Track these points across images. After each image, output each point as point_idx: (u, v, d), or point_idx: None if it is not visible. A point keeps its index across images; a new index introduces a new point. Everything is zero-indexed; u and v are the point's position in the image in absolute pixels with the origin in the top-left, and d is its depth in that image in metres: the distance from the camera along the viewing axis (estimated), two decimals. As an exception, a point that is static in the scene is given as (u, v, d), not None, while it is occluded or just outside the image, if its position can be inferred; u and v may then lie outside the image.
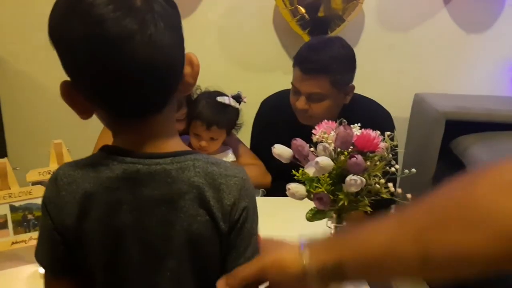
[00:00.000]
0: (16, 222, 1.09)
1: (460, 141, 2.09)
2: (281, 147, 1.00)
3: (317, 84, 1.50)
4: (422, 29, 2.34)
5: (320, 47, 1.54)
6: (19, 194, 1.09)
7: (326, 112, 1.52)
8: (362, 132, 0.98)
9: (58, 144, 1.24)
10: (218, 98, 1.54)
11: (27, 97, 2.31)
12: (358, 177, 0.89)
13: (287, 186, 0.96)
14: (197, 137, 1.55)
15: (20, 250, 1.13)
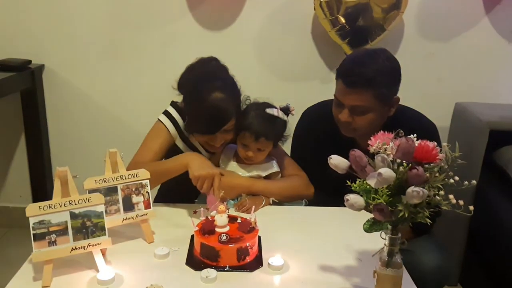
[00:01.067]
0: (76, 229, 1.12)
1: (503, 151, 2.05)
2: (338, 158, 1.00)
3: (360, 97, 1.48)
4: (463, 38, 2.31)
5: (365, 60, 1.52)
6: (79, 202, 1.12)
7: (370, 125, 1.51)
8: (419, 144, 0.98)
9: (113, 153, 1.27)
10: (267, 110, 1.56)
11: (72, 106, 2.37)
12: (420, 189, 0.88)
13: (345, 197, 0.96)
14: (244, 147, 1.57)
15: (78, 256, 1.16)
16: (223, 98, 1.47)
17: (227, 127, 1.49)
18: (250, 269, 1.19)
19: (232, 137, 1.55)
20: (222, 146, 1.57)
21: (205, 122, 1.48)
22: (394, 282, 1.06)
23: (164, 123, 1.61)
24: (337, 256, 1.27)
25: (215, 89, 1.47)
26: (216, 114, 1.46)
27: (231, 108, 1.48)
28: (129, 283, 1.12)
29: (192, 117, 1.53)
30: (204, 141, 1.56)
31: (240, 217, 1.28)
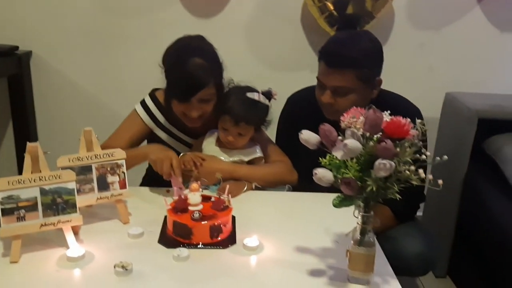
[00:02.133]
0: (46, 205, 1.11)
1: (493, 140, 2.03)
2: (308, 132, 0.99)
3: (342, 78, 1.47)
4: (454, 27, 2.29)
5: (347, 41, 1.52)
6: (49, 178, 1.11)
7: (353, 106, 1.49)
8: (392, 119, 0.96)
9: (88, 131, 1.26)
10: (248, 94, 1.54)
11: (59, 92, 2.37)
12: (387, 161, 0.87)
13: (314, 171, 0.95)
14: (225, 132, 1.55)
15: (49, 233, 1.15)
16: (201, 64, 1.46)
17: (204, 95, 1.48)
18: (223, 246, 1.17)
19: (210, 109, 1.53)
20: (201, 120, 1.55)
21: (180, 86, 1.48)
22: (367, 261, 1.04)
23: (139, 114, 1.62)
24: (314, 238, 1.25)
25: (193, 55, 1.47)
26: (191, 77, 1.45)
27: (209, 75, 1.47)
28: (99, 261, 1.11)
29: (169, 82, 1.53)
30: (182, 113, 1.53)
31: (214, 197, 1.27)
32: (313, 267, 1.12)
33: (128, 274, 1.04)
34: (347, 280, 1.06)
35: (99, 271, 1.07)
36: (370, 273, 1.05)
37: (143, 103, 1.64)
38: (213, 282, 1.05)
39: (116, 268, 1.04)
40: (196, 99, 1.47)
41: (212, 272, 1.09)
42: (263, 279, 1.08)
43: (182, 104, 1.50)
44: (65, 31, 2.28)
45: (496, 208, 1.87)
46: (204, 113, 1.52)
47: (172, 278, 1.06)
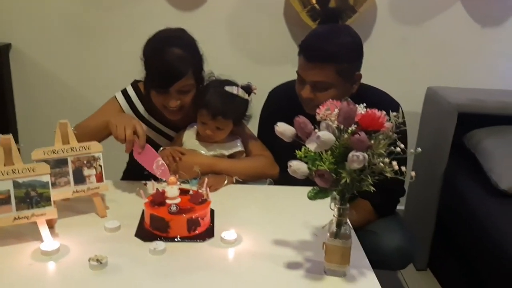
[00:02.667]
0: (19, 198, 1.09)
1: (473, 134, 2.06)
2: (284, 125, 0.99)
3: (322, 72, 1.47)
4: (436, 22, 2.31)
5: (326, 35, 1.51)
6: (22, 171, 1.10)
7: None
8: (367, 111, 0.96)
9: (63, 124, 1.25)
10: (226, 88, 1.53)
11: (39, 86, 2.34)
12: (360, 153, 0.87)
13: (288, 163, 0.95)
14: (203, 125, 1.54)
15: (22, 227, 1.14)
16: (179, 54, 1.46)
17: (183, 86, 1.47)
18: (200, 240, 1.17)
19: (189, 101, 1.52)
20: (181, 112, 1.53)
21: (158, 75, 1.47)
22: (343, 253, 1.05)
23: (119, 101, 1.60)
24: (292, 231, 1.25)
25: (172, 45, 1.46)
26: (169, 67, 1.44)
27: (187, 65, 1.46)
28: (74, 254, 1.10)
29: (148, 72, 1.52)
30: (161, 104, 1.52)
31: (192, 190, 1.27)
32: (291, 260, 1.12)
33: (103, 268, 1.03)
34: (323, 272, 1.07)
35: (74, 265, 1.05)
36: (346, 265, 1.06)
37: (124, 92, 1.63)
38: (190, 275, 1.05)
39: (91, 262, 1.03)
40: (174, 90, 1.47)
41: (189, 265, 1.08)
42: (241, 272, 1.08)
43: (160, 95, 1.49)
44: (44, 23, 2.25)
45: (475, 201, 1.89)
46: (183, 105, 1.51)
47: (148, 271, 1.05)
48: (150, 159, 1.33)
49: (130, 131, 1.33)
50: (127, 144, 1.34)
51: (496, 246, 1.64)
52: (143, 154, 1.34)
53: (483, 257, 1.77)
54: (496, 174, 1.85)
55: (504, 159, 1.88)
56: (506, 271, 1.57)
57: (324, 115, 0.97)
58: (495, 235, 1.67)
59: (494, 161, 1.88)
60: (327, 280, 1.05)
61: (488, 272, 1.74)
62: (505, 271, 1.58)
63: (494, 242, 1.66)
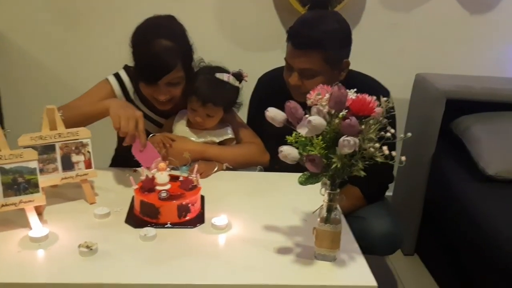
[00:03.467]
0: (6, 185, 1.08)
1: (460, 121, 2.07)
2: (275, 110, 0.98)
3: (309, 59, 1.46)
4: (425, 9, 2.31)
5: (314, 22, 1.50)
6: (9, 157, 1.08)
7: None
8: (357, 96, 0.96)
9: (50, 109, 1.23)
10: (217, 75, 1.51)
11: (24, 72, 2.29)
12: (351, 138, 0.87)
13: (279, 148, 0.94)
14: (193, 112, 1.53)
15: (10, 214, 1.12)
16: (168, 46, 1.42)
17: (172, 79, 1.45)
18: (191, 226, 1.17)
19: (179, 93, 1.50)
20: (171, 103, 1.52)
21: (147, 68, 1.44)
22: (333, 238, 1.05)
23: (111, 84, 1.56)
24: (283, 217, 1.26)
25: (160, 36, 1.43)
26: (158, 60, 1.41)
27: (176, 58, 1.43)
28: (64, 241, 1.09)
29: (136, 64, 1.49)
30: (151, 96, 1.50)
31: (182, 176, 1.26)
32: (281, 245, 1.12)
33: (93, 254, 1.03)
34: (314, 257, 1.08)
35: (63, 252, 1.05)
36: (336, 250, 1.06)
37: (116, 75, 1.59)
38: (181, 261, 1.05)
39: (81, 248, 1.03)
40: (163, 82, 1.44)
41: (180, 251, 1.08)
42: (231, 257, 1.08)
43: (149, 86, 1.47)
44: (29, 7, 2.19)
45: (462, 187, 1.92)
46: (173, 97, 1.50)
47: (138, 257, 1.05)
48: (149, 157, 1.30)
49: (134, 125, 1.29)
50: (128, 138, 1.30)
51: (483, 231, 1.67)
52: (143, 152, 1.31)
53: (470, 242, 1.79)
54: (484, 160, 1.87)
55: (491, 145, 1.90)
56: (493, 256, 1.60)
57: (314, 100, 0.96)
58: (482, 220, 1.69)
59: (481, 147, 1.90)
60: (318, 264, 1.06)
61: (474, 257, 1.77)
62: (491, 256, 1.61)
63: (481, 227, 1.69)
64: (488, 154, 1.87)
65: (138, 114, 1.33)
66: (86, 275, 0.97)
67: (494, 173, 1.83)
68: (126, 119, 1.29)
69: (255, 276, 1.02)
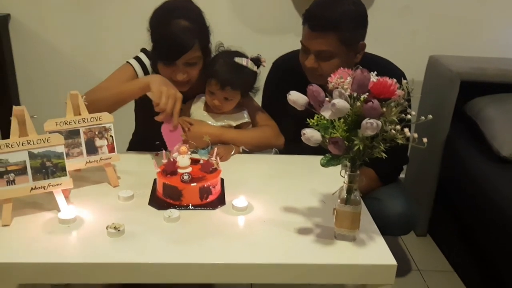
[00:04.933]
0: (35, 169, 1.11)
1: (474, 103, 2.08)
2: (297, 93, 1.00)
3: (325, 41, 1.48)
4: (439, -10, 2.29)
5: (329, 4, 1.50)
6: (37, 142, 1.11)
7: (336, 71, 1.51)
8: (378, 79, 0.98)
9: (74, 95, 1.25)
10: (236, 59, 1.53)
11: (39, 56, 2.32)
12: (374, 120, 0.89)
13: (302, 131, 0.96)
14: (211, 95, 1.55)
15: (38, 197, 1.16)
16: (186, 26, 1.45)
17: (189, 59, 1.47)
18: (212, 207, 1.20)
19: (196, 74, 1.52)
20: (188, 85, 1.54)
21: (166, 47, 1.47)
22: (353, 218, 1.08)
23: (133, 66, 1.59)
24: (301, 198, 1.28)
25: (178, 17, 1.45)
26: (176, 39, 1.44)
27: (194, 37, 1.46)
28: (91, 222, 1.12)
29: (155, 45, 1.51)
30: (169, 77, 1.52)
31: (202, 159, 1.29)
32: (301, 226, 1.15)
33: (120, 235, 1.06)
34: (334, 237, 1.10)
35: (92, 233, 1.08)
36: (356, 230, 1.09)
37: (137, 58, 1.61)
38: (204, 241, 1.08)
39: (109, 229, 1.06)
40: (181, 62, 1.47)
41: (203, 232, 1.11)
42: (252, 238, 1.11)
43: (167, 67, 1.49)
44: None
45: (476, 168, 1.93)
46: (190, 78, 1.52)
47: (164, 238, 1.08)
48: (175, 139, 1.34)
49: (173, 104, 1.33)
50: (163, 116, 1.34)
51: (497, 212, 1.69)
52: (171, 132, 1.34)
53: (484, 223, 1.81)
54: (498, 141, 1.87)
55: (505, 126, 1.91)
56: (507, 236, 1.62)
57: (336, 83, 0.98)
58: (497, 201, 1.71)
59: (495, 128, 1.91)
60: (338, 244, 1.09)
61: (488, 237, 1.79)
62: (506, 236, 1.63)
63: (495, 208, 1.70)
64: (502, 135, 1.88)
65: (179, 95, 1.36)
66: (116, 255, 1.01)
67: (508, 154, 1.84)
68: (167, 97, 1.33)
69: (277, 255, 1.05)
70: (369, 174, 1.62)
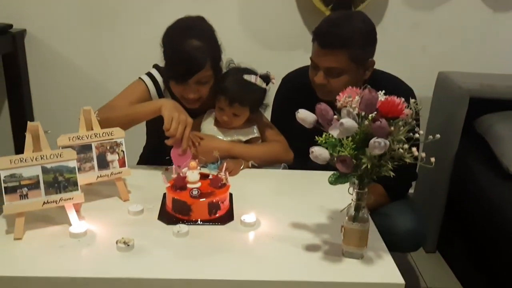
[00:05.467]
0: (48, 183, 1.13)
1: (484, 119, 2.07)
2: (305, 111, 1.01)
3: (335, 58, 1.50)
4: (447, 7, 2.31)
5: (340, 21, 1.53)
6: (50, 157, 1.13)
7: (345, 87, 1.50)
8: (386, 98, 0.99)
9: (87, 110, 1.28)
10: (245, 76, 1.56)
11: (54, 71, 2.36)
12: (382, 140, 0.90)
13: (310, 149, 0.97)
14: (220, 111, 1.58)
15: (50, 211, 1.18)
16: (198, 46, 1.47)
17: (201, 77, 1.49)
18: (221, 223, 1.21)
19: (207, 92, 1.54)
20: (199, 102, 1.56)
21: (177, 67, 1.49)
22: (361, 236, 1.08)
23: (145, 82, 1.61)
24: (309, 215, 1.29)
25: (191, 37, 1.47)
26: (188, 59, 1.46)
27: (206, 57, 1.48)
28: (101, 236, 1.14)
29: (167, 63, 1.54)
30: (180, 94, 1.55)
31: (211, 174, 1.30)
32: (309, 242, 1.15)
33: (130, 250, 1.07)
34: (341, 254, 1.10)
35: (102, 247, 1.10)
36: (363, 247, 1.09)
37: (149, 74, 1.64)
38: (213, 257, 1.08)
39: (118, 244, 1.07)
40: (193, 81, 1.49)
41: (211, 248, 1.12)
42: (261, 254, 1.12)
43: (179, 85, 1.52)
44: (59, 8, 2.26)
45: (485, 186, 1.92)
46: (201, 96, 1.54)
47: (172, 253, 1.09)
48: (184, 162, 1.35)
49: (183, 129, 1.36)
50: (173, 141, 1.36)
51: (507, 229, 1.67)
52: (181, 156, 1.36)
53: (494, 241, 1.80)
54: (508, 158, 1.87)
55: (515, 143, 1.90)
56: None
57: (344, 102, 0.99)
58: (507, 218, 1.70)
59: (505, 145, 1.90)
60: (345, 261, 1.09)
61: (498, 255, 1.78)
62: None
63: (505, 225, 1.69)
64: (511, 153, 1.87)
65: (189, 120, 1.39)
66: (125, 270, 1.02)
67: (518, 172, 1.83)
68: (177, 122, 1.36)
69: (284, 272, 1.05)
70: (378, 190, 1.62)
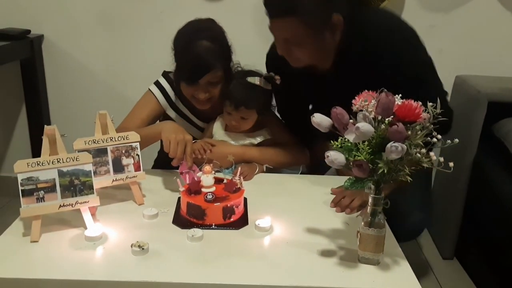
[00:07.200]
0: (64, 187, 1.14)
1: (502, 124, 2.03)
2: (320, 116, 1.00)
3: (287, 27, 1.37)
4: (464, 9, 2.27)
5: None
6: (66, 160, 1.14)
7: (313, 54, 1.42)
8: (403, 102, 0.97)
9: (103, 115, 1.29)
10: (248, 79, 1.55)
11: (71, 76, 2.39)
12: (399, 144, 0.88)
13: (326, 153, 0.96)
14: (228, 116, 1.58)
15: (66, 214, 1.19)
16: (208, 47, 1.48)
17: (212, 78, 1.50)
18: (235, 227, 1.20)
19: (218, 92, 1.55)
20: (209, 103, 1.57)
21: (188, 68, 1.50)
22: (377, 241, 1.07)
23: (154, 94, 1.64)
24: (325, 220, 1.28)
25: (201, 38, 1.48)
26: (199, 60, 1.47)
27: (216, 58, 1.49)
28: (116, 240, 1.14)
29: (178, 65, 1.55)
30: (191, 95, 1.56)
31: (226, 179, 1.30)
32: (324, 248, 1.14)
33: (144, 253, 1.08)
34: (357, 260, 1.09)
35: (117, 250, 1.10)
36: (380, 253, 1.08)
37: (157, 83, 1.66)
38: (227, 262, 1.08)
39: (133, 248, 1.07)
40: (203, 82, 1.50)
41: (226, 252, 1.12)
42: (276, 259, 1.11)
43: (190, 86, 1.53)
44: (76, 14, 2.29)
45: (504, 191, 1.88)
46: (212, 96, 1.55)
47: (187, 257, 1.09)
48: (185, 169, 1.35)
49: (182, 149, 1.36)
50: (175, 161, 1.37)
51: (527, 236, 1.64)
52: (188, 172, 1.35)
53: (510, 247, 1.76)
54: (527, 163, 1.83)
55: (535, 148, 1.86)
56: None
57: (360, 106, 0.98)
58: (526, 225, 1.66)
59: (524, 150, 1.86)
60: (362, 268, 1.08)
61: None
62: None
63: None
64: (532, 158, 1.83)
65: (187, 138, 1.38)
66: (140, 274, 1.02)
67: (538, 177, 1.79)
68: (175, 144, 1.35)
69: (299, 277, 1.04)
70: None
